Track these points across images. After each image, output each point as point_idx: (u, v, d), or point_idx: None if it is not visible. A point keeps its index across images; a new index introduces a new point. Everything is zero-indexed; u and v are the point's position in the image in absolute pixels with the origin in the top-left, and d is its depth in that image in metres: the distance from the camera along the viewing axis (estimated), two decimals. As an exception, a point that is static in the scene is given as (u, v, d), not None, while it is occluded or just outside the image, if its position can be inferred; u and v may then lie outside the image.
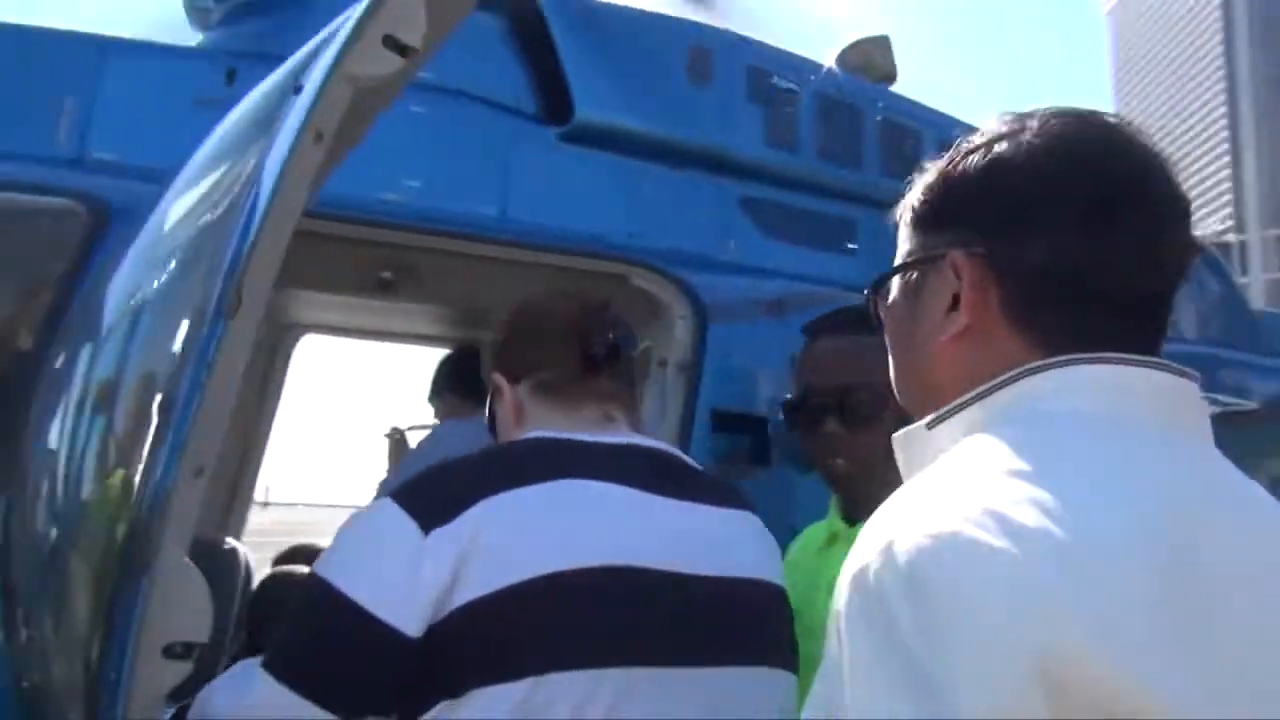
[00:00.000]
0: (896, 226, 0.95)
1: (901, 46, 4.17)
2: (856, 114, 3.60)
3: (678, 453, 1.39)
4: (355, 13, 1.28)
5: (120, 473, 1.26)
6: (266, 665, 1.09)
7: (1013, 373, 0.79)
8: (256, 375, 3.97)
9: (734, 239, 3.24)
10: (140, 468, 1.19)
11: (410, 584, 1.10)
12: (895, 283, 0.91)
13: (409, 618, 1.09)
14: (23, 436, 1.58)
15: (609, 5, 3.29)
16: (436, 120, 3.06)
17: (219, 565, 3.13)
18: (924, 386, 0.87)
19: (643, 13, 3.41)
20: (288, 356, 4.18)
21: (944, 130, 3.78)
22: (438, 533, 1.12)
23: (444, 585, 1.10)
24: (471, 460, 1.23)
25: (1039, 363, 0.79)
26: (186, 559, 1.15)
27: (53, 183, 2.54)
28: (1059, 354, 0.79)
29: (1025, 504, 0.67)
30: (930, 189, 0.89)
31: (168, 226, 1.48)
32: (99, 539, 1.24)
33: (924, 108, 3.85)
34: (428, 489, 1.18)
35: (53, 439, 1.44)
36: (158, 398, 1.21)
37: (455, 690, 1.08)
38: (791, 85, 3.46)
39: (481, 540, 1.11)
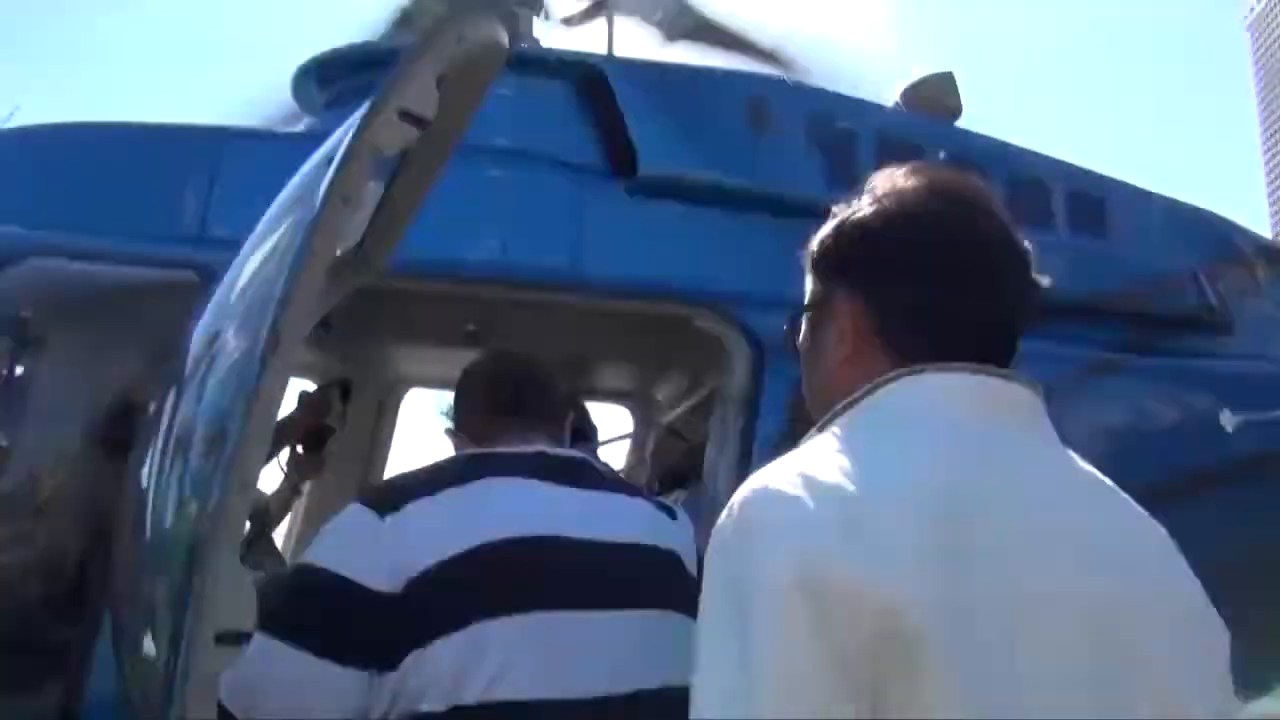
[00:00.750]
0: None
1: (1040, 71, 4.23)
2: (917, 151, 3.67)
3: (589, 458, 1.74)
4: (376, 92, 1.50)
5: (188, 491, 1.48)
6: (259, 625, 1.30)
7: (872, 384, 1.00)
8: (366, 429, 4.28)
9: (795, 279, 3.34)
10: (202, 485, 1.41)
11: (371, 550, 1.43)
12: (804, 319, 1.15)
13: (372, 574, 1.41)
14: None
15: (667, 64, 3.50)
16: (512, 182, 3.32)
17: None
18: (825, 402, 1.06)
19: (700, 68, 3.60)
20: (395, 410, 4.48)
21: (1010, 163, 3.82)
22: (390, 517, 1.47)
23: (398, 555, 1.42)
24: (415, 471, 1.63)
25: (891, 374, 1.00)
26: (237, 559, 1.35)
27: (175, 257, 2.90)
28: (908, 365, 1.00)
29: (828, 467, 0.90)
30: (823, 243, 1.12)
31: (232, 283, 1.73)
32: (172, 548, 1.46)
33: (990, 141, 3.90)
34: (383, 489, 1.61)
35: (143, 472, 1.69)
36: (216, 426, 1.44)
37: (421, 642, 1.39)
38: (850, 126, 3.57)
39: (414, 527, 1.45)
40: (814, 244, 1.14)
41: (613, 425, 4.94)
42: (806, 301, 1.14)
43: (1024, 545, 0.88)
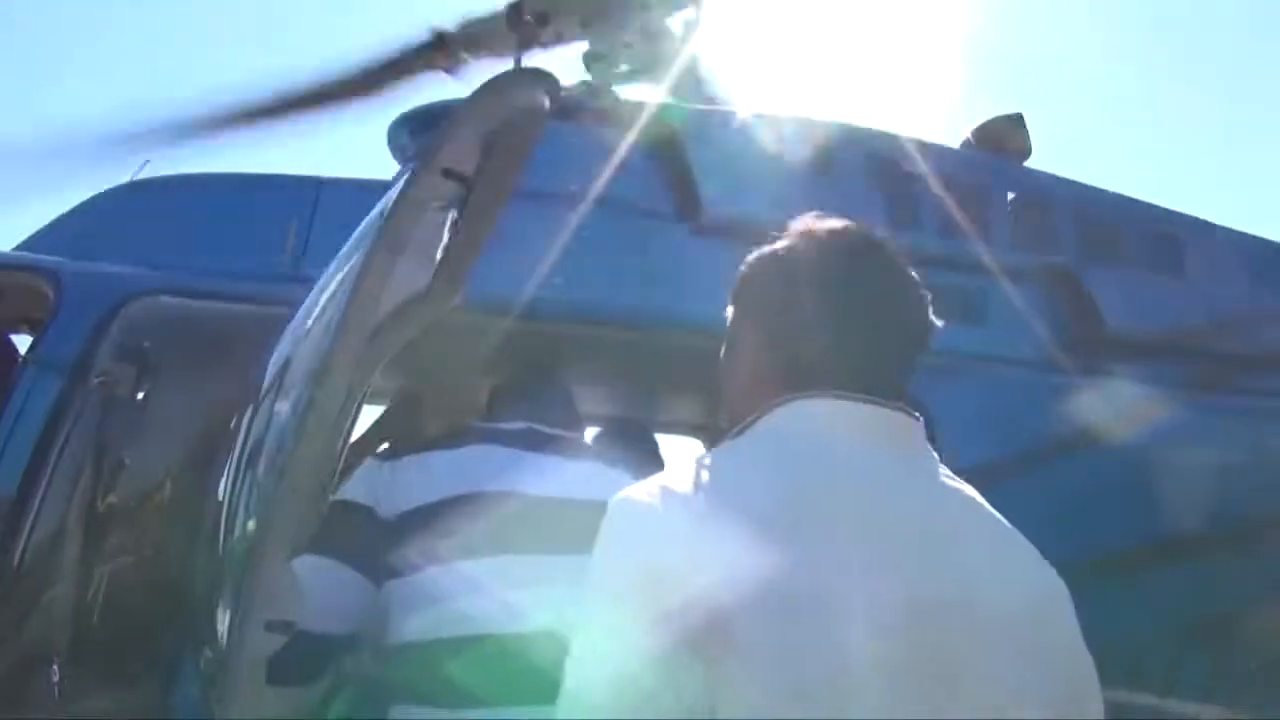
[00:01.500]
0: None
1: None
2: (981, 190, 3.73)
3: (561, 432, 2.08)
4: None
5: (251, 500, 1.69)
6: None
7: (762, 409, 1.13)
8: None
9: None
10: (260, 494, 1.62)
11: (374, 483, 1.80)
12: (725, 345, 1.27)
13: (377, 500, 1.78)
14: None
15: (730, 112, 3.65)
16: (585, 226, 3.52)
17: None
18: (734, 419, 1.19)
19: (763, 114, 3.75)
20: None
21: (1077, 200, 3.83)
22: (389, 465, 1.84)
23: (392, 492, 1.79)
24: (424, 437, 1.91)
25: (775, 401, 1.12)
26: (287, 559, 1.55)
27: (272, 294, 3.19)
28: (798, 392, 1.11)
29: (687, 482, 1.04)
30: (737, 279, 1.25)
31: (303, 316, 1.96)
32: (237, 550, 1.68)
33: (1058, 180, 3.92)
34: (391, 448, 1.94)
35: (221, 483, 1.92)
36: (276, 442, 1.65)
37: (402, 574, 1.72)
38: (911, 168, 3.66)
39: (402, 476, 1.79)
40: (736, 279, 1.25)
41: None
42: (728, 331, 1.26)
43: (854, 549, 0.97)
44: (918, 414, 1.13)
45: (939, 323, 1.18)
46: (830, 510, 1.00)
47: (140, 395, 3.34)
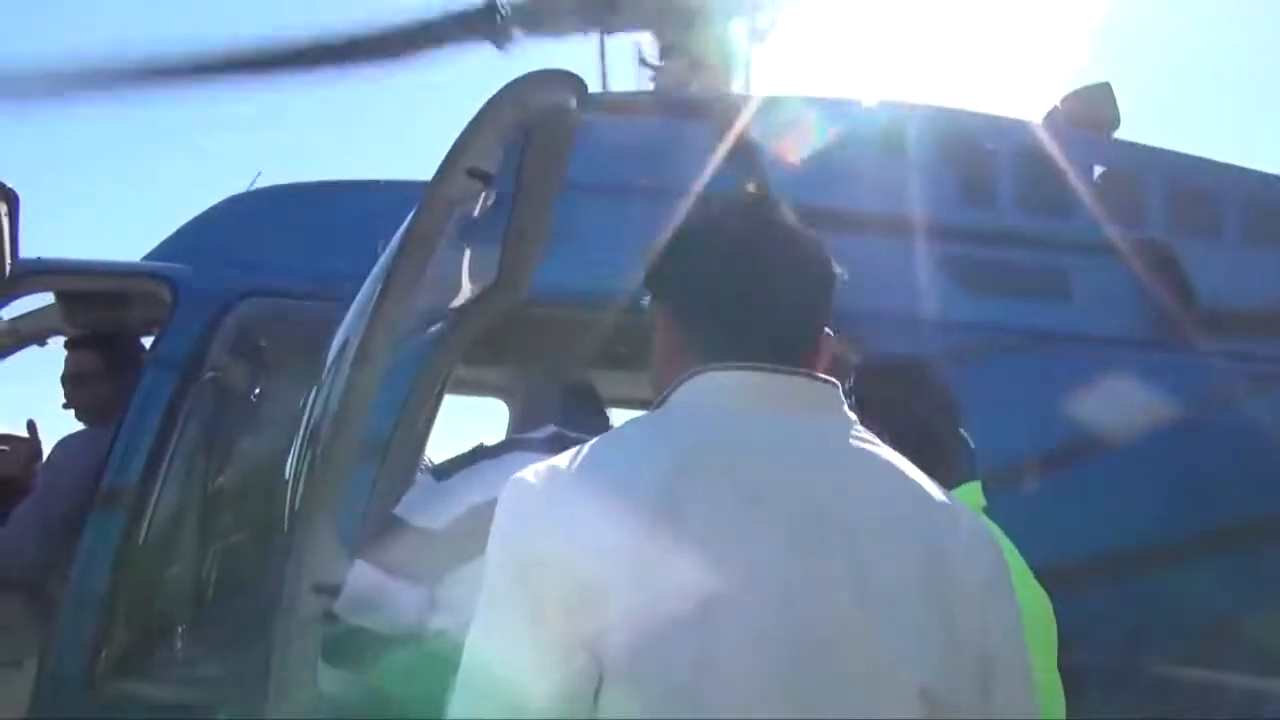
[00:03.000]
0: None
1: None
2: (1067, 165, 3.63)
3: (584, 436, 2.05)
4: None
5: (303, 474, 1.87)
6: None
7: (669, 387, 1.13)
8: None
9: (922, 296, 3.41)
10: (308, 469, 1.78)
11: (430, 503, 1.99)
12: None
13: (426, 519, 1.95)
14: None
15: (799, 98, 3.68)
16: (655, 216, 3.61)
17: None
18: (657, 394, 1.18)
19: (833, 100, 3.75)
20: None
21: (1169, 171, 3.68)
22: (444, 481, 2.05)
23: (445, 504, 1.96)
24: (472, 449, 2.12)
25: (683, 375, 1.11)
26: (333, 528, 1.71)
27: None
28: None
29: (576, 461, 1.05)
30: (649, 258, 1.25)
31: (354, 308, 2.12)
32: (290, 520, 1.85)
33: (1149, 151, 3.77)
34: (445, 464, 2.12)
35: (287, 462, 2.11)
36: (324, 421, 1.81)
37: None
38: (992, 146, 3.60)
39: (453, 487, 1.99)
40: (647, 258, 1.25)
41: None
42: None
43: (736, 517, 0.98)
44: (828, 378, 1.12)
45: (842, 272, 1.18)
46: (718, 485, 0.99)
47: (249, 389, 3.65)
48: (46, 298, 3.76)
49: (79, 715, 2.96)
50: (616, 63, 4.35)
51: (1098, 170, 3.73)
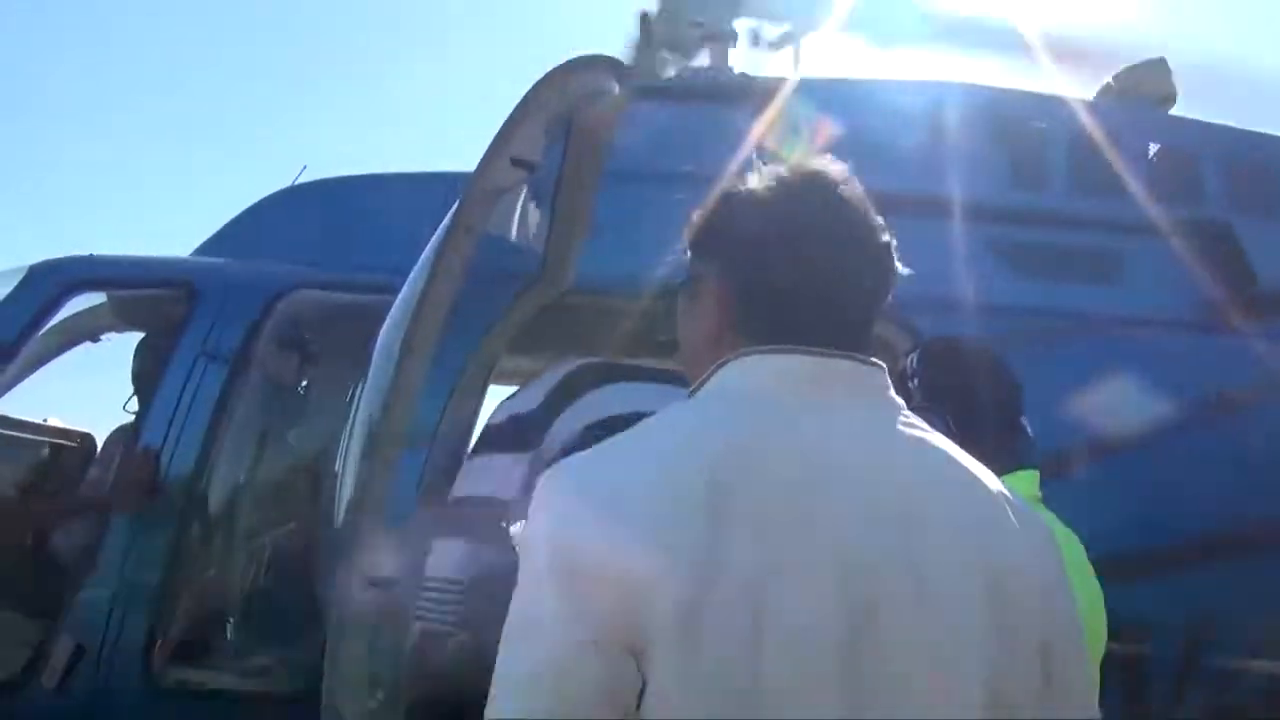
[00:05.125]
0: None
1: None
2: (1120, 143, 3.53)
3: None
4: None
5: (350, 471, 1.87)
6: None
7: (714, 367, 1.07)
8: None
9: (971, 280, 3.34)
10: (357, 460, 1.79)
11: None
12: (681, 295, 1.18)
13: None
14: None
15: (844, 81, 3.62)
16: (697, 203, 3.58)
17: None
18: (695, 376, 1.12)
19: (876, 81, 3.69)
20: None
21: (1228, 147, 3.57)
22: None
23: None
24: None
25: (729, 356, 1.06)
26: (382, 521, 1.71)
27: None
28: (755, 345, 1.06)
29: (618, 450, 1.00)
30: (694, 225, 1.18)
31: (397, 303, 2.12)
32: (338, 513, 1.86)
33: (1207, 127, 3.65)
34: None
35: (336, 457, 2.12)
36: (370, 416, 1.82)
37: None
38: (1038, 123, 3.51)
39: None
40: (691, 224, 1.17)
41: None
42: (685, 278, 1.17)
43: (788, 514, 0.92)
44: (878, 361, 1.06)
45: (904, 269, 1.11)
46: (769, 478, 0.94)
47: (297, 381, 3.69)
48: (98, 296, 3.82)
49: (140, 703, 3.01)
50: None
51: (1153, 148, 3.62)
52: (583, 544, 0.92)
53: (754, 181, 1.13)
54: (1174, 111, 3.82)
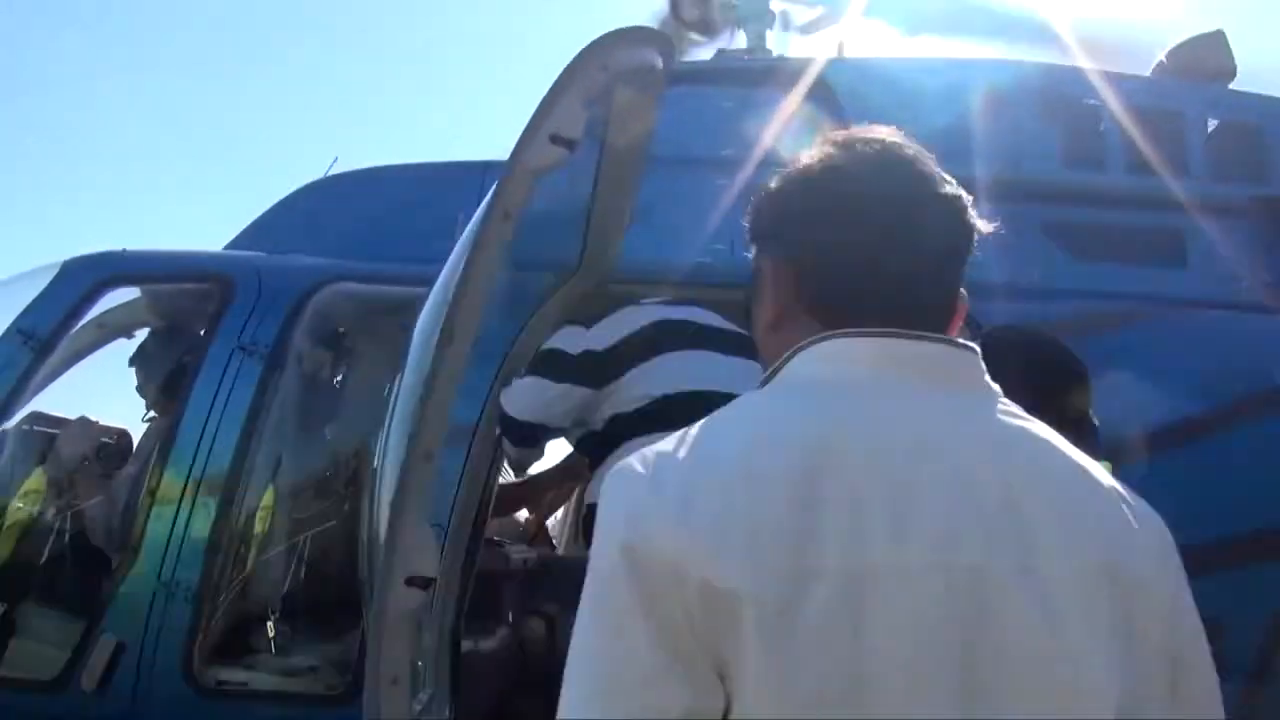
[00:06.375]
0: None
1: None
2: (1178, 119, 3.39)
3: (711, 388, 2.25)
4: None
5: (390, 463, 1.80)
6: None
7: (787, 354, 0.98)
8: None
9: (1025, 264, 3.21)
10: (392, 457, 1.72)
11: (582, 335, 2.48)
12: (752, 289, 1.11)
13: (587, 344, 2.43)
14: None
15: (888, 60, 3.50)
16: (736, 189, 3.49)
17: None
18: (765, 367, 1.04)
19: (922, 60, 3.57)
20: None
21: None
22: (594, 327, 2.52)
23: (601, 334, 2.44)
24: None
25: (803, 342, 0.97)
26: (424, 517, 1.64)
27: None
28: (830, 329, 0.97)
29: (689, 444, 0.90)
30: (750, 214, 1.10)
31: (433, 292, 2.05)
32: (377, 510, 1.79)
33: (1267, 101, 3.50)
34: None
35: (375, 452, 2.05)
36: (409, 408, 1.74)
37: (624, 370, 2.32)
38: (1092, 100, 3.38)
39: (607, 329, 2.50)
40: (747, 216, 1.10)
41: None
42: (751, 273, 1.11)
43: (886, 513, 0.84)
44: (970, 343, 0.97)
45: (982, 226, 1.01)
46: (860, 475, 0.85)
47: (332, 375, 3.64)
48: (132, 291, 3.79)
49: (181, 703, 2.98)
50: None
51: (1212, 124, 3.48)
52: (659, 551, 0.83)
53: (802, 159, 1.05)
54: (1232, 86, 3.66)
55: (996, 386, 0.99)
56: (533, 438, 2.56)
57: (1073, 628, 0.84)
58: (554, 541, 4.64)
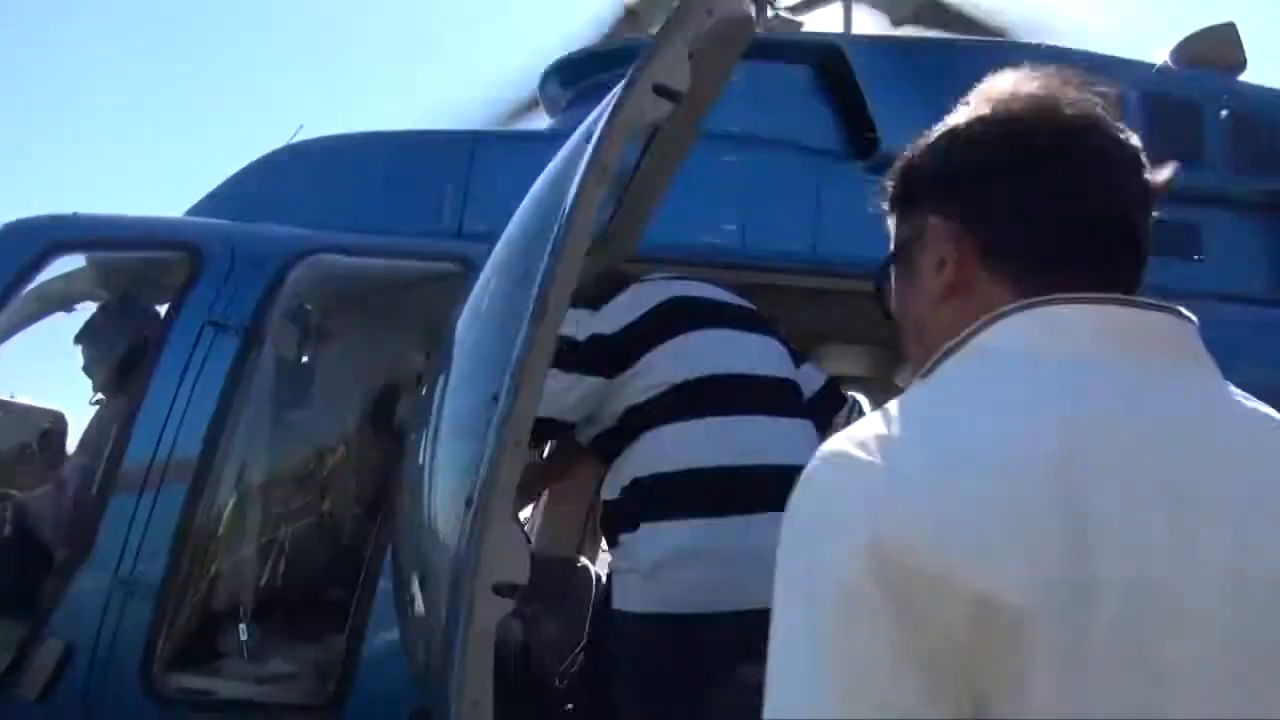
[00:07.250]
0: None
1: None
2: (1189, 111, 3.36)
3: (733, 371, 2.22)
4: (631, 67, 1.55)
5: (463, 458, 1.58)
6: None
7: (981, 320, 0.84)
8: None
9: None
10: (476, 444, 1.50)
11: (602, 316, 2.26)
12: (894, 270, 0.98)
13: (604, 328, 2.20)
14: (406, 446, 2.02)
15: (907, 39, 3.39)
16: (752, 168, 3.34)
17: (572, 580, 3.55)
18: (928, 349, 0.89)
19: (939, 40, 3.47)
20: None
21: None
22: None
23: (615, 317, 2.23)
24: None
25: (1002, 309, 0.84)
26: (511, 516, 1.43)
27: (438, 250, 3.12)
28: (1027, 294, 0.84)
29: (913, 429, 0.77)
30: (900, 175, 0.98)
31: (497, 264, 1.83)
32: (449, 513, 1.57)
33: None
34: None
35: (419, 449, 1.82)
36: (488, 393, 1.52)
37: (638, 356, 2.13)
38: (1105, 88, 3.32)
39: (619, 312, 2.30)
40: (894, 177, 0.99)
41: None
42: (892, 246, 0.99)
43: (1165, 515, 0.72)
44: (1188, 314, 0.83)
45: (1161, 175, 0.90)
46: (1121, 466, 0.73)
47: (307, 354, 3.35)
48: (78, 260, 3.42)
49: (138, 712, 2.69)
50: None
51: (1223, 115, 3.46)
52: (907, 548, 0.70)
53: (964, 114, 0.93)
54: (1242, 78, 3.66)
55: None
56: (540, 434, 2.34)
57: None
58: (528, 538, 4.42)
